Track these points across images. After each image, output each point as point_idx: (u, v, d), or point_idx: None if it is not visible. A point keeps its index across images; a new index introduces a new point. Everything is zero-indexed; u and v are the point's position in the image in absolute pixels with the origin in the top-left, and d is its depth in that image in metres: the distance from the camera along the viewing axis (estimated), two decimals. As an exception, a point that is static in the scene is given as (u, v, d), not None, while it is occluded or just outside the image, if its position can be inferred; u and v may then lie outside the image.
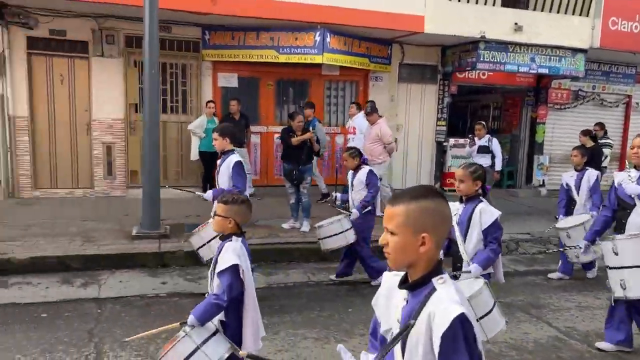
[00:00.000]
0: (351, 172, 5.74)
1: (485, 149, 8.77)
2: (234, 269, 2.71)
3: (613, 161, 11.25)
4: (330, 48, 8.70)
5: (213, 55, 9.13)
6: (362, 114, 8.41)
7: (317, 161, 8.82)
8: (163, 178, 8.09)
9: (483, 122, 9.06)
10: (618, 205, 4.27)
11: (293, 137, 7.10)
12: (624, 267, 3.95)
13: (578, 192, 5.98)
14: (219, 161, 5.03)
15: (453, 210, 2.84)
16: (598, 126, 9.46)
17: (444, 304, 1.51)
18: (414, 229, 1.55)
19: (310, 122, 8.20)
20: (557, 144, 11.83)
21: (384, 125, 8.03)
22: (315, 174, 8.41)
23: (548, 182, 11.59)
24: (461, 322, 1.47)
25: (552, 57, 9.83)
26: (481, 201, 3.64)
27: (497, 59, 9.50)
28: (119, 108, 8.85)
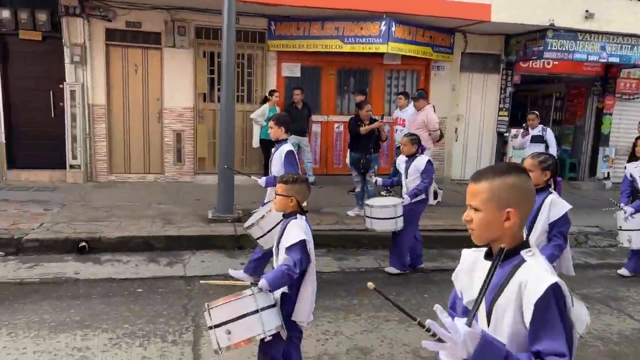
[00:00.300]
0: (404, 159, 5.65)
1: (539, 139, 8.54)
2: (302, 244, 2.84)
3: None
4: (395, 37, 8.72)
5: (278, 45, 9.33)
6: (412, 106, 8.38)
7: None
8: (231, 165, 8.38)
9: (536, 112, 8.86)
10: None
11: (361, 127, 7.22)
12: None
13: None
14: (273, 149, 5.12)
15: None
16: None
17: (536, 273, 1.50)
18: (498, 205, 1.56)
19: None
20: (624, 136, 11.41)
21: (431, 111, 7.98)
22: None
23: (613, 175, 11.24)
24: (554, 291, 1.45)
25: (624, 46, 9.48)
26: (550, 192, 3.55)
27: (566, 48, 9.26)
28: (189, 97, 9.20)
